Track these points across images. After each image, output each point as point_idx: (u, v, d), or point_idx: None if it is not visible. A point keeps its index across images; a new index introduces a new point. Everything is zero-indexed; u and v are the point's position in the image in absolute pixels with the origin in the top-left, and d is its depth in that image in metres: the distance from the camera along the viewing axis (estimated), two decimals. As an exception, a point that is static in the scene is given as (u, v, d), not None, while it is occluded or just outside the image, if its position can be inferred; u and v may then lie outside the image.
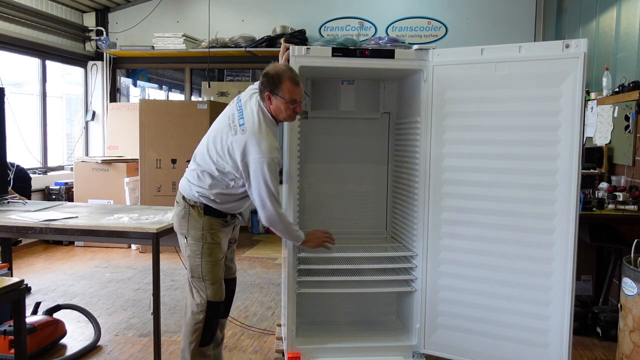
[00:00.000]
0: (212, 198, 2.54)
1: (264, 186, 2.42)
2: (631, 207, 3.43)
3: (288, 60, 2.76)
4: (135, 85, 7.73)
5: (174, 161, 5.76)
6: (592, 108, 4.32)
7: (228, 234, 2.69)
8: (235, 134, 2.45)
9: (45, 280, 4.74)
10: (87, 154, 7.15)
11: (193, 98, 7.44)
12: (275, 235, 6.97)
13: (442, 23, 6.79)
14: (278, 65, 2.56)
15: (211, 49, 6.61)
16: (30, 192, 4.21)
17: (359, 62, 2.76)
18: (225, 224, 2.63)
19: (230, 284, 2.82)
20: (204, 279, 2.55)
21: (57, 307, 3.46)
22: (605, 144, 4.11)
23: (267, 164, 2.40)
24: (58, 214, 3.17)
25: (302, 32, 6.59)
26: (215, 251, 2.58)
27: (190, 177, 2.59)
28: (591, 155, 4.17)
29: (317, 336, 3.00)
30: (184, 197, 2.59)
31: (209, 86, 7.16)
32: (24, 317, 2.26)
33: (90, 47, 7.23)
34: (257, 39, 6.61)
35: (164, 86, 8.53)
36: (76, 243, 6.15)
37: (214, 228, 2.57)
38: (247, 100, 2.55)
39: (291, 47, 2.75)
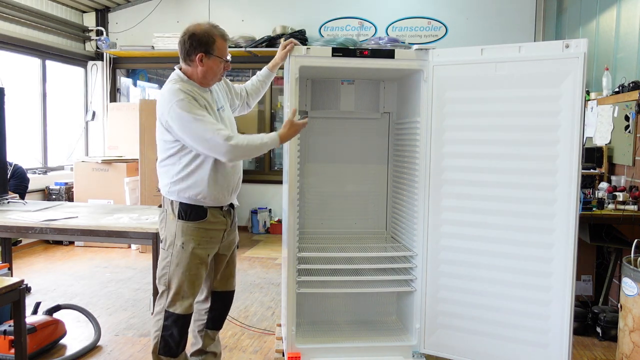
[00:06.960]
0: (184, 187, 2.33)
1: (193, 127, 2.21)
2: (631, 207, 3.43)
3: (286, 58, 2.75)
4: (135, 85, 7.72)
5: (174, 161, 5.75)
6: (592, 108, 4.32)
7: (213, 242, 2.45)
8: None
9: (45, 280, 4.74)
10: (87, 154, 7.15)
11: (193, 98, 7.43)
12: (275, 235, 6.90)
13: (442, 23, 6.79)
14: (201, 24, 2.37)
15: (211, 49, 6.60)
16: (25, 191, 4.16)
17: (359, 62, 2.75)
18: (205, 230, 2.39)
19: (226, 297, 2.69)
20: (168, 287, 2.38)
21: (57, 307, 3.46)
22: (605, 144, 4.11)
23: (178, 106, 2.22)
24: (58, 214, 3.17)
25: (302, 32, 6.59)
26: (186, 261, 2.36)
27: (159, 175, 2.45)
28: (591, 155, 4.17)
29: (317, 336, 3.00)
30: (164, 197, 2.43)
31: (209, 86, 7.15)
32: (24, 317, 2.26)
33: (90, 47, 7.23)
34: (257, 39, 6.61)
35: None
36: (76, 243, 6.15)
37: (188, 234, 2.35)
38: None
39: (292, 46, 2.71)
